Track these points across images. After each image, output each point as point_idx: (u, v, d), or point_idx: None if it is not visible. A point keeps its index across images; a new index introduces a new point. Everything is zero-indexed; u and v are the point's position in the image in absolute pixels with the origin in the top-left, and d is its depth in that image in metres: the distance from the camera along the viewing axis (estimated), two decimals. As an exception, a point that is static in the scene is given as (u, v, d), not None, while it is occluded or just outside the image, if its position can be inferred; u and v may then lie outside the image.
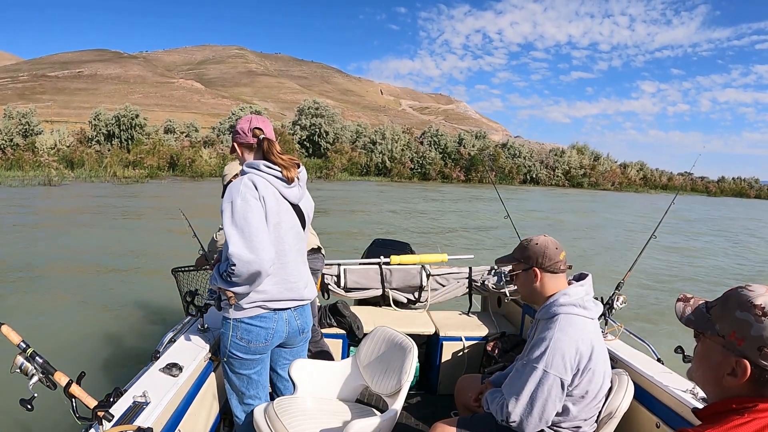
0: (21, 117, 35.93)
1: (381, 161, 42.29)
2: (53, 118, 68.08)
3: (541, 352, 1.97)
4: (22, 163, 29.25)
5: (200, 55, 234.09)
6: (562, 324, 2.01)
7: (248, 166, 2.23)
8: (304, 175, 2.36)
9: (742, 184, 59.94)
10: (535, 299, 2.20)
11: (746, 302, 1.11)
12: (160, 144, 35.15)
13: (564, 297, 2.08)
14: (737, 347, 1.10)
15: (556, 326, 2.01)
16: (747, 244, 17.32)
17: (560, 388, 1.95)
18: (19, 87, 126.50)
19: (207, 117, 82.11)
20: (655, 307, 8.21)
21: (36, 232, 12.12)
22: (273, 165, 2.22)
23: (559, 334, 1.97)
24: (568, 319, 2.03)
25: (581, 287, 2.13)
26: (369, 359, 2.61)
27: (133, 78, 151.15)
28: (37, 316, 6.43)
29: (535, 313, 2.34)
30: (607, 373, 2.09)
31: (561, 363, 1.94)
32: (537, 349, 2.00)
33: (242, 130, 2.32)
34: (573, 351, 1.96)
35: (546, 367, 1.94)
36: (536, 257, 2.14)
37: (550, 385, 1.94)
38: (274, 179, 2.21)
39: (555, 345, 1.96)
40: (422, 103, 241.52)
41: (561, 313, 2.05)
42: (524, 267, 2.18)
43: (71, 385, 1.63)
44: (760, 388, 1.08)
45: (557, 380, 1.94)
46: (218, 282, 2.13)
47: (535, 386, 1.95)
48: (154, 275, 8.20)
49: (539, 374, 1.95)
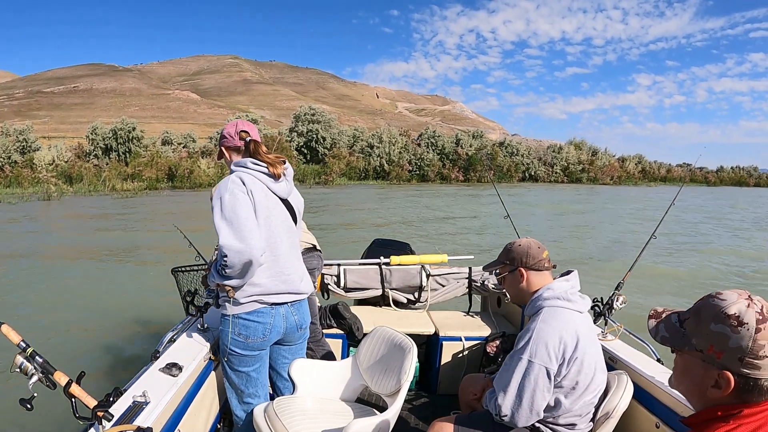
0: (18, 134, 35.94)
1: (379, 165, 42.29)
2: (50, 133, 67.98)
3: (525, 342, 2.00)
4: (21, 180, 29.19)
5: (195, 66, 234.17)
6: (544, 316, 2.05)
7: (236, 165, 2.29)
8: (291, 172, 2.42)
9: (741, 173, 59.96)
10: (523, 298, 2.26)
11: (720, 313, 1.08)
12: (157, 156, 35.08)
13: (548, 291, 2.13)
14: (717, 360, 1.08)
15: (539, 318, 2.05)
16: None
17: (546, 377, 1.96)
18: (15, 104, 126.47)
19: (204, 127, 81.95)
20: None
21: (36, 236, 12.15)
22: (259, 162, 2.28)
23: (542, 325, 2.01)
24: (552, 311, 2.06)
25: (566, 282, 2.17)
26: (369, 359, 2.62)
27: (129, 91, 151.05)
28: (37, 316, 6.44)
29: None
30: (599, 367, 2.10)
31: (545, 351, 1.96)
32: (521, 340, 2.04)
33: (229, 134, 2.39)
34: (556, 340, 1.97)
35: (530, 357, 1.96)
36: (520, 257, 2.22)
37: (536, 374, 1.95)
38: (262, 175, 2.26)
39: (538, 335, 1.99)
40: (418, 105, 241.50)
41: (545, 307, 2.09)
42: (510, 268, 2.26)
43: (71, 384, 1.64)
44: (743, 394, 1.06)
45: (542, 369, 1.95)
46: (216, 278, 2.18)
47: (521, 377, 1.97)
48: (154, 275, 8.22)
49: (524, 364, 1.97)
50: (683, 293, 9.12)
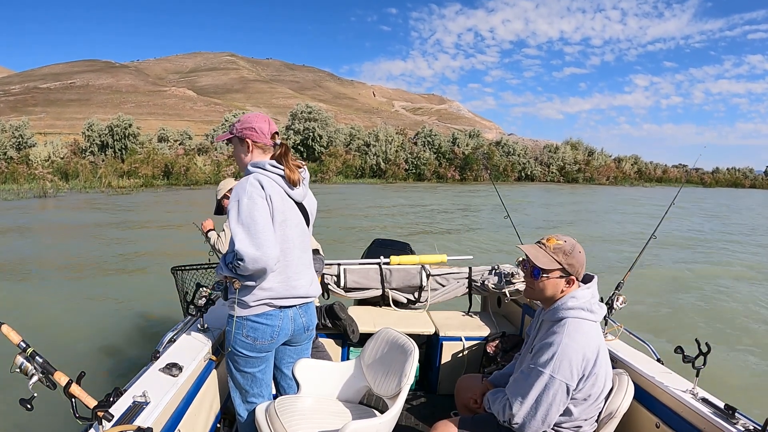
0: (14, 130, 35.77)
1: (375, 163, 42.27)
2: (46, 129, 67.68)
3: (549, 357, 1.96)
4: (17, 176, 29.07)
5: (191, 63, 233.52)
6: (569, 329, 1.99)
7: (253, 166, 2.24)
8: (307, 176, 2.40)
9: (736, 175, 60.17)
10: (544, 299, 2.16)
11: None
12: (154, 153, 35.03)
13: (572, 300, 2.06)
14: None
15: (564, 331, 1.99)
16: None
17: (565, 394, 1.95)
18: (11, 100, 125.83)
19: (200, 124, 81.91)
20: (656, 306, 8.24)
21: (34, 236, 12.11)
22: (278, 165, 2.24)
23: (567, 340, 1.96)
24: (576, 323, 2.02)
25: (587, 290, 2.11)
26: (372, 361, 2.61)
27: (125, 87, 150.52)
28: (37, 316, 6.43)
29: (534, 313, 2.34)
30: (608, 375, 2.10)
31: (568, 369, 1.94)
32: (544, 353, 1.99)
33: (261, 130, 2.32)
34: (580, 357, 1.96)
35: (553, 372, 1.94)
36: (579, 267, 2.11)
37: (556, 390, 1.94)
38: (279, 178, 2.23)
39: (563, 351, 1.95)
40: (415, 104, 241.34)
41: (569, 317, 2.03)
42: (562, 274, 2.10)
43: (71, 384, 1.63)
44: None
45: (563, 386, 1.94)
46: (224, 271, 2.18)
47: (540, 391, 1.95)
48: (154, 275, 8.20)
49: (546, 379, 1.94)
50: (683, 293, 9.15)
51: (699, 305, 8.51)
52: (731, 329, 7.36)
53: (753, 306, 8.60)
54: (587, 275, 2.19)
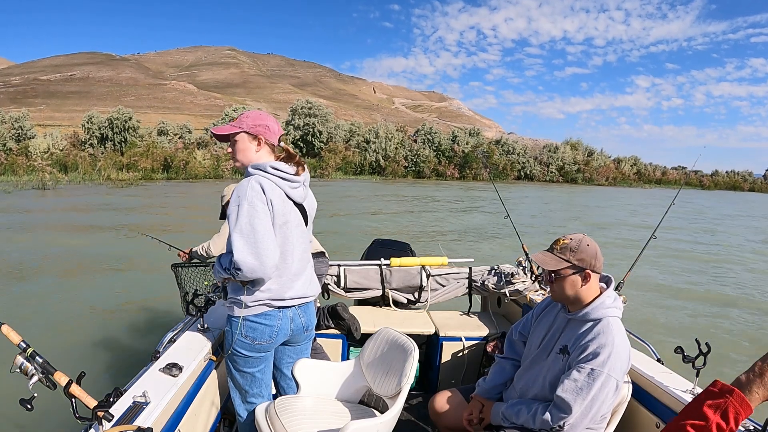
0: (14, 121, 35.77)
1: (375, 160, 42.29)
2: (46, 121, 67.53)
3: (606, 356, 1.95)
4: (16, 168, 29.09)
5: (192, 57, 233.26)
6: (616, 329, 2.00)
7: (254, 168, 2.22)
8: (307, 176, 2.38)
9: (735, 178, 60.30)
10: (573, 301, 2.12)
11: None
12: (153, 146, 35.03)
13: (608, 299, 2.07)
14: None
15: (612, 330, 1.99)
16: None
17: (614, 391, 1.96)
18: (11, 91, 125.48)
19: (200, 118, 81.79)
20: (655, 306, 8.25)
21: (34, 234, 12.08)
22: (278, 167, 2.22)
23: (618, 339, 1.98)
24: (617, 323, 2.04)
25: (612, 290, 2.13)
26: (372, 360, 2.60)
27: (126, 80, 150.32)
28: (37, 316, 6.41)
29: (534, 312, 2.33)
30: None
31: (620, 367, 1.96)
32: (600, 353, 1.96)
33: (273, 130, 2.30)
34: (627, 355, 1.99)
35: (610, 372, 1.93)
36: (591, 259, 2.08)
37: (610, 388, 1.95)
38: (280, 180, 2.22)
39: (617, 350, 1.95)
40: (415, 101, 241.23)
41: (610, 316, 2.03)
42: (575, 270, 2.08)
43: (71, 385, 1.62)
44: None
45: (615, 383, 1.95)
46: (222, 274, 2.18)
47: (598, 390, 1.94)
48: (154, 275, 8.17)
49: (603, 378, 1.93)
50: (683, 293, 9.16)
51: (699, 305, 8.54)
52: (731, 329, 7.38)
53: (753, 306, 8.64)
54: (603, 276, 2.19)
